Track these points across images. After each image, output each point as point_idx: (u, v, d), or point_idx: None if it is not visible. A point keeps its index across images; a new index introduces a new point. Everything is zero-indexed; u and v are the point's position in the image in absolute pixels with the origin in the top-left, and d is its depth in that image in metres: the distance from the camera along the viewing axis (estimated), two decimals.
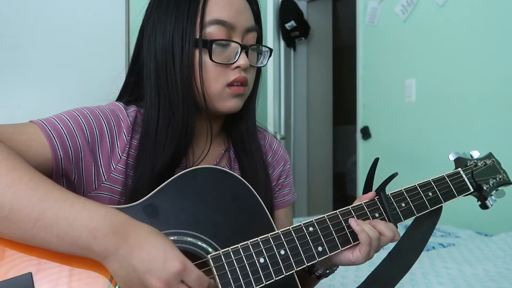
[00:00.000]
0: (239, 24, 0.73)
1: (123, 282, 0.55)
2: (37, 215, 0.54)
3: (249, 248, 0.63)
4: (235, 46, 0.73)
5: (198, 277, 0.55)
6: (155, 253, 0.54)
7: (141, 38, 0.77)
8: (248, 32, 0.74)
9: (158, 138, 0.71)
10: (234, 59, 0.72)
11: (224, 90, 0.73)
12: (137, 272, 0.54)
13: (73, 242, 0.54)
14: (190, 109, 0.72)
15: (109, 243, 0.54)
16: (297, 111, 3.47)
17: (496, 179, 0.87)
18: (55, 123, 0.66)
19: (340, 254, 0.71)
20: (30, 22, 2.30)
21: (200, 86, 0.72)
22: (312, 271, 0.79)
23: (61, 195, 0.56)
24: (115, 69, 0.84)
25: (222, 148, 0.83)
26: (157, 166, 0.70)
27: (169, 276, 0.53)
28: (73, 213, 0.55)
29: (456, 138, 2.22)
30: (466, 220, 2.01)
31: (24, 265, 0.57)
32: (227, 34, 0.72)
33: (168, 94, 0.72)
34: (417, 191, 0.77)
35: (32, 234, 0.54)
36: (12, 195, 0.53)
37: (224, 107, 0.74)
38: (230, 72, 0.73)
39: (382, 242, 0.71)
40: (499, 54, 2.05)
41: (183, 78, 0.71)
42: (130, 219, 0.58)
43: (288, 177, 0.90)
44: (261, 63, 0.79)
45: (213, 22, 0.71)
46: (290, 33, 3.21)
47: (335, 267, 0.79)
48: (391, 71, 2.58)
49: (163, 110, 0.72)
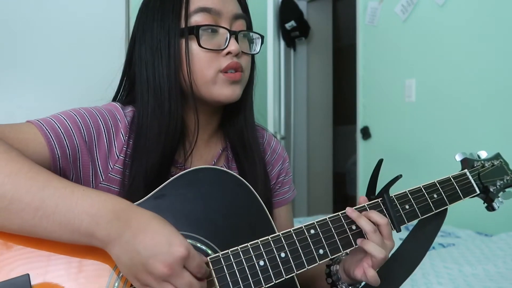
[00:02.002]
0: (225, 10, 0.73)
1: (126, 267, 0.55)
2: (38, 204, 0.54)
3: (249, 250, 0.62)
4: (223, 32, 0.73)
5: (199, 264, 0.56)
6: (158, 238, 0.54)
7: (133, 44, 0.77)
8: (236, 20, 0.74)
9: (148, 135, 0.71)
10: (224, 45, 0.72)
11: (217, 76, 0.72)
12: (140, 257, 0.54)
13: (75, 229, 0.54)
14: (177, 103, 0.72)
15: (111, 228, 0.54)
16: (297, 111, 3.47)
17: (504, 181, 0.84)
18: (52, 122, 0.66)
19: (357, 269, 0.70)
20: (30, 23, 2.30)
21: (187, 76, 0.72)
22: (335, 284, 0.77)
23: (61, 184, 0.56)
24: (115, 70, 0.84)
25: (219, 148, 0.82)
26: (149, 164, 0.70)
27: (174, 261, 0.53)
28: (74, 200, 0.55)
29: (456, 138, 2.21)
30: (466, 220, 2.01)
31: (21, 258, 0.57)
32: (213, 21, 0.72)
33: (155, 91, 0.72)
34: (421, 193, 0.76)
35: (33, 223, 0.54)
36: (12, 185, 0.54)
37: (221, 94, 0.73)
38: (222, 59, 0.72)
39: (384, 232, 0.69)
40: (499, 54, 2.05)
41: (170, 72, 0.71)
42: (131, 205, 0.58)
43: (287, 175, 0.90)
44: (254, 51, 0.78)
45: (198, 10, 0.72)
46: (290, 33, 3.21)
47: (359, 284, 0.76)
48: (391, 71, 2.58)
49: (152, 107, 0.72)
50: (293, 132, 3.42)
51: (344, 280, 0.75)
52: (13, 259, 0.57)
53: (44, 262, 0.58)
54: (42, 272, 0.57)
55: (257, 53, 0.79)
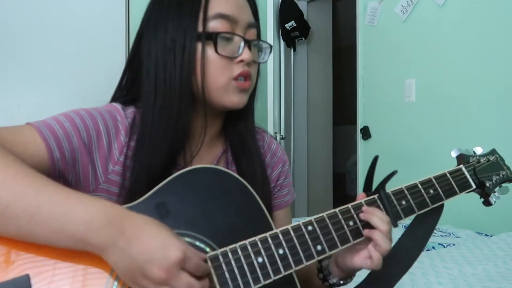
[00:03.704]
0: (241, 19, 0.74)
1: (123, 273, 0.56)
2: (33, 210, 0.54)
3: (247, 247, 0.62)
4: (238, 40, 0.73)
5: (196, 264, 0.56)
6: (153, 243, 0.54)
7: (140, 40, 0.77)
8: (249, 28, 0.75)
9: (153, 136, 0.71)
10: (238, 53, 0.73)
11: (230, 83, 0.73)
12: (137, 263, 0.54)
13: (70, 236, 0.55)
14: (188, 106, 0.72)
15: (105, 235, 0.54)
16: (297, 111, 3.47)
17: (500, 176, 0.85)
18: (51, 124, 0.66)
19: (355, 257, 0.71)
20: (30, 23, 2.30)
21: (200, 80, 0.72)
22: (326, 279, 0.78)
23: (56, 190, 0.56)
24: (115, 70, 0.84)
25: (219, 150, 0.82)
26: (153, 164, 0.70)
27: (170, 264, 0.54)
28: (68, 207, 0.55)
29: (456, 138, 2.21)
30: (466, 220, 2.01)
31: (21, 263, 0.57)
32: (230, 29, 0.73)
33: (165, 92, 0.72)
34: (418, 189, 0.76)
35: (28, 229, 0.54)
36: (8, 191, 0.54)
37: (230, 101, 0.73)
38: (234, 66, 0.73)
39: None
40: (499, 54, 2.05)
41: (183, 74, 0.71)
42: (125, 211, 0.58)
43: (287, 177, 0.90)
44: (262, 59, 0.80)
45: (217, 16, 0.72)
46: (290, 33, 3.21)
47: (350, 279, 0.78)
48: (391, 71, 2.58)
49: (160, 107, 0.71)
50: (293, 132, 3.41)
51: (335, 274, 0.76)
52: (14, 260, 0.57)
53: (43, 262, 0.58)
54: (39, 271, 0.57)
55: (264, 62, 0.80)
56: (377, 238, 0.68)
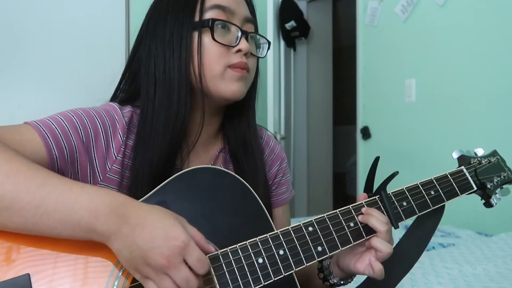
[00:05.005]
0: (238, 11, 0.75)
1: (126, 260, 0.56)
2: (38, 202, 0.54)
3: (248, 248, 0.62)
4: (235, 31, 0.74)
5: (199, 257, 0.56)
6: (156, 231, 0.55)
7: (140, 40, 0.78)
8: (246, 22, 0.77)
9: (154, 130, 0.71)
10: (235, 42, 0.74)
11: (226, 71, 0.73)
12: (140, 250, 0.55)
13: (76, 225, 0.55)
14: (187, 97, 0.73)
15: (110, 223, 0.55)
16: (297, 111, 3.47)
17: (501, 177, 0.85)
18: (49, 124, 0.66)
19: (358, 262, 0.71)
20: (30, 23, 2.30)
21: (197, 68, 0.72)
22: (327, 279, 0.78)
23: (59, 181, 0.57)
24: (115, 70, 0.84)
25: (217, 149, 0.83)
26: (154, 158, 0.70)
27: (171, 253, 0.54)
28: (73, 197, 0.55)
29: (456, 138, 2.21)
30: (466, 220, 2.01)
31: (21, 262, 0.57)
32: (227, 19, 0.74)
33: (164, 82, 0.73)
34: (419, 190, 0.76)
35: (34, 221, 0.55)
36: (12, 184, 0.54)
37: (228, 89, 0.74)
38: (232, 55, 0.74)
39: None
40: (499, 54, 2.05)
41: (181, 64, 0.72)
42: (129, 199, 0.58)
43: (285, 175, 0.90)
44: (261, 54, 0.81)
45: (213, 6, 0.73)
46: (290, 33, 3.21)
47: (350, 279, 0.78)
48: (391, 71, 2.58)
49: (160, 98, 0.72)
50: (293, 132, 3.41)
51: (336, 274, 0.76)
52: (14, 259, 0.57)
53: (44, 260, 0.58)
54: (39, 269, 0.57)
55: (263, 57, 0.81)
56: (376, 245, 0.68)
